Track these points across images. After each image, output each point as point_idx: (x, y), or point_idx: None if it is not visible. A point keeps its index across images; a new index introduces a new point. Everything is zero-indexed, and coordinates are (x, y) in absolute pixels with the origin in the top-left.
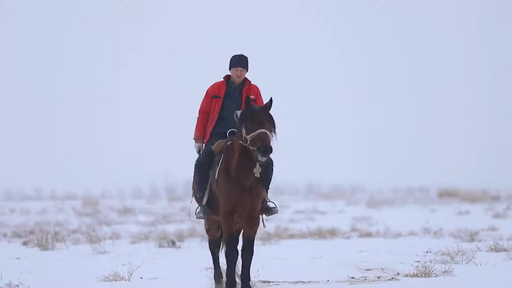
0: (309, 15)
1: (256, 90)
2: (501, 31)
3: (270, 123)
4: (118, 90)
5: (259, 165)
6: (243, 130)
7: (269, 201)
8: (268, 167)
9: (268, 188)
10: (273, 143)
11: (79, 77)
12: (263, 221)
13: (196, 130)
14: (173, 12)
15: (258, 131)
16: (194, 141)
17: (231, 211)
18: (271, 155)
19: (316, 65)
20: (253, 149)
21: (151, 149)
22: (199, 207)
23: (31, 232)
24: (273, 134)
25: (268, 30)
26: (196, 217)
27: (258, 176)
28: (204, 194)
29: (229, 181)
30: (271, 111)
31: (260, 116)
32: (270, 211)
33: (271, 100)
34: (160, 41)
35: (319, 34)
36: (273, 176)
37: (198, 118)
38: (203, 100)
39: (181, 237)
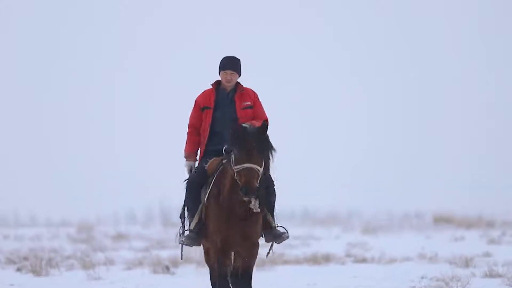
0: (309, 15)
1: (252, 95)
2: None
3: (261, 154)
4: (113, 105)
5: (254, 199)
6: (232, 158)
7: (278, 225)
8: (269, 190)
9: (274, 211)
10: (261, 179)
11: (74, 91)
12: (271, 249)
13: (186, 147)
14: (173, 12)
15: (244, 165)
16: (185, 159)
17: (221, 243)
18: (273, 176)
19: (313, 72)
20: (239, 183)
21: (146, 173)
22: (184, 232)
23: (25, 258)
24: (267, 161)
25: (267, 31)
26: (179, 243)
27: (258, 210)
28: (193, 218)
29: (220, 207)
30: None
31: (250, 145)
32: (280, 237)
33: (264, 124)
34: (160, 43)
35: (319, 34)
36: (276, 197)
37: (187, 133)
38: (192, 112)
39: (176, 263)
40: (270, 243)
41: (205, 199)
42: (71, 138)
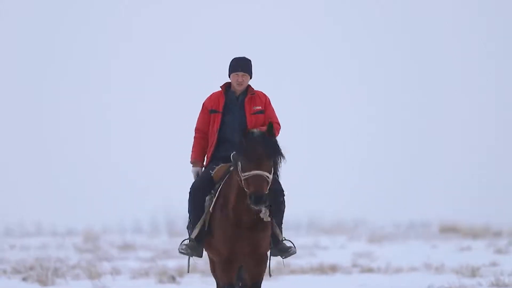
0: (316, 15)
1: (263, 99)
2: None
3: (270, 159)
4: (117, 111)
5: (264, 207)
6: (239, 166)
7: (285, 239)
8: (277, 199)
9: (282, 222)
10: (271, 183)
11: (75, 98)
12: (269, 268)
13: (192, 152)
14: (174, 7)
15: (252, 172)
16: (191, 165)
17: (228, 255)
18: (280, 180)
19: (320, 77)
20: (246, 191)
21: (151, 182)
22: (186, 241)
23: (31, 268)
24: (276, 167)
25: (267, 29)
26: (179, 251)
27: (269, 219)
28: (196, 226)
29: (226, 217)
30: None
31: (258, 151)
32: (286, 252)
33: (270, 125)
34: (162, 47)
35: (326, 35)
36: (285, 208)
37: (194, 137)
38: (199, 116)
39: (181, 272)
40: (271, 257)
41: (211, 208)
42: (75, 147)
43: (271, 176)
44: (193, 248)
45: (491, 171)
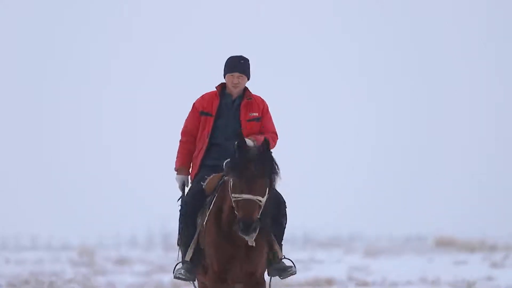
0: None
1: (261, 105)
2: None
3: (264, 180)
4: (116, 125)
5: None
6: (230, 185)
7: (285, 257)
8: (277, 211)
9: (282, 238)
10: (261, 211)
11: (75, 109)
12: (270, 286)
13: (178, 158)
14: (172, 6)
15: (243, 196)
16: (176, 172)
17: (222, 276)
18: (281, 181)
19: (317, 87)
20: (236, 215)
21: (146, 195)
22: (180, 264)
23: (26, 282)
24: (271, 187)
25: (270, 30)
26: (175, 277)
27: (254, 244)
28: (189, 246)
29: (220, 233)
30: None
31: (250, 171)
32: (285, 271)
33: (266, 142)
34: (165, 59)
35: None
36: (287, 222)
37: (181, 141)
38: (188, 117)
39: (176, 287)
40: (270, 277)
41: (204, 223)
42: (72, 160)
43: (263, 200)
44: (189, 271)
45: (487, 185)
